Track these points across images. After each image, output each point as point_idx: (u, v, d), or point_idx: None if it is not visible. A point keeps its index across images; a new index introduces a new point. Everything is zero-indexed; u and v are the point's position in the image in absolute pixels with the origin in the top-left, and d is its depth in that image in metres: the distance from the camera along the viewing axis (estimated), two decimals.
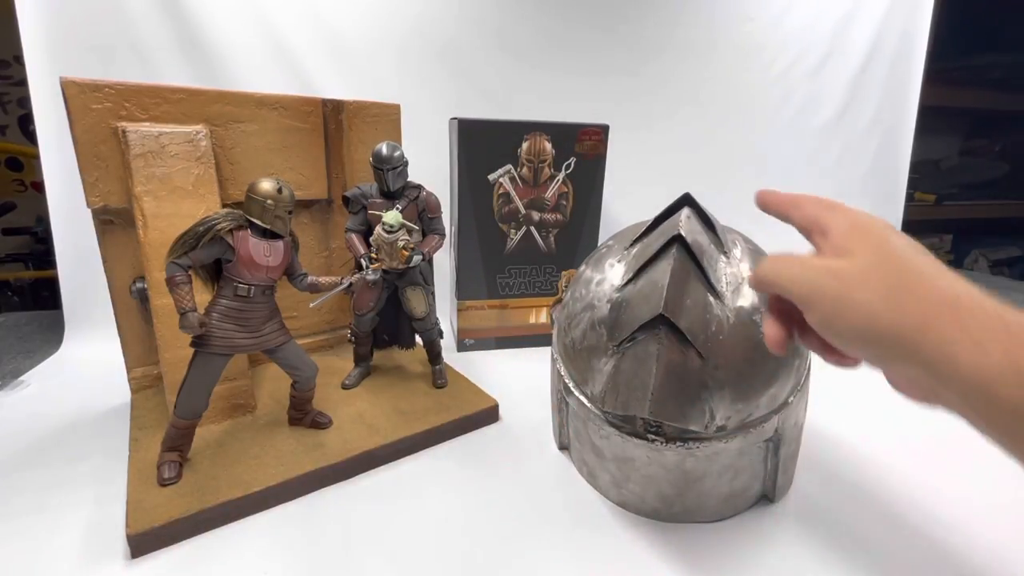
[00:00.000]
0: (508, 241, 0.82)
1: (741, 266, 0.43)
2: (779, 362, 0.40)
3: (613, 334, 0.43)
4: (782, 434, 0.43)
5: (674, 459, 0.43)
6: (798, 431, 0.46)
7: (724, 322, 0.40)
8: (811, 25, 1.25)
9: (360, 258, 0.60)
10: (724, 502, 0.46)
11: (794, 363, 0.42)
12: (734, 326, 0.40)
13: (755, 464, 0.45)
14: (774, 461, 0.45)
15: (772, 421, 0.42)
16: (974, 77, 1.73)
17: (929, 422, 0.46)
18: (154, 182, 0.53)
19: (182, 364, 0.48)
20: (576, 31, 1.12)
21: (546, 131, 0.77)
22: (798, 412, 0.45)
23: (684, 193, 0.45)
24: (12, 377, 0.73)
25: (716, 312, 0.40)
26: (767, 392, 0.41)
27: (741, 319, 0.40)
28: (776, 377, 0.41)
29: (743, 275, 0.42)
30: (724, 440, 0.41)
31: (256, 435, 0.55)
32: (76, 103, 0.52)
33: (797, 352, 0.42)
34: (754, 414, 0.41)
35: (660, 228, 0.45)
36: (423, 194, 0.63)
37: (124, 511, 0.44)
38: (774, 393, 0.41)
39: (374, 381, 0.68)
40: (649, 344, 0.40)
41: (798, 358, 0.43)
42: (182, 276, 0.44)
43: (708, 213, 0.45)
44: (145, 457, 0.50)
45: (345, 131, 0.70)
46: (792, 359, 0.42)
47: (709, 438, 0.41)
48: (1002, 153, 1.94)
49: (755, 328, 0.40)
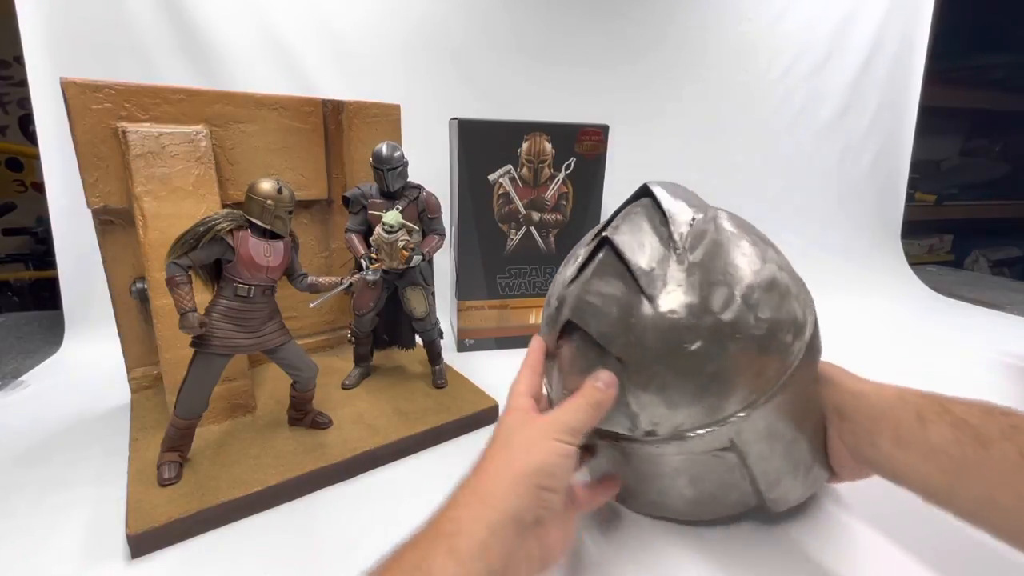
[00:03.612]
0: (508, 241, 0.82)
1: (703, 266, 0.37)
2: (716, 374, 0.36)
3: (551, 333, 0.42)
4: (743, 448, 0.38)
5: (618, 455, 0.41)
6: (781, 446, 0.39)
7: (650, 327, 0.36)
8: (811, 25, 1.25)
9: (360, 258, 0.60)
10: (695, 505, 0.43)
11: (741, 378, 0.36)
12: (663, 331, 0.36)
13: (720, 473, 0.40)
14: (749, 473, 0.40)
15: (717, 433, 0.37)
16: (974, 77, 1.73)
17: None
18: (154, 182, 0.53)
19: (182, 364, 0.48)
20: (576, 31, 1.12)
21: (546, 131, 0.77)
22: (767, 427, 0.38)
23: (642, 184, 0.42)
24: (12, 377, 0.73)
25: (644, 314, 0.36)
26: (701, 403, 0.36)
27: (672, 323, 0.36)
28: (709, 390, 0.36)
29: (700, 275, 0.37)
30: (656, 446, 0.38)
31: (256, 435, 0.55)
32: (76, 103, 0.52)
33: (741, 366, 0.36)
34: (686, 424, 0.37)
35: (595, 229, 0.44)
36: (423, 194, 0.63)
37: (124, 511, 0.44)
38: (712, 404, 0.36)
39: (374, 381, 0.68)
40: (568, 345, 0.40)
41: (753, 375, 0.36)
42: (182, 276, 0.44)
43: (669, 206, 0.40)
44: (145, 457, 0.50)
45: (345, 131, 0.70)
46: (738, 374, 0.36)
47: (640, 441, 0.38)
48: (1002, 153, 1.94)
49: (688, 334, 0.35)
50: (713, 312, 0.36)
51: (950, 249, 1.94)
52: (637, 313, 0.36)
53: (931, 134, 1.48)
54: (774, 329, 0.36)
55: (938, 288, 1.30)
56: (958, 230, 1.92)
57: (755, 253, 0.39)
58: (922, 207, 1.75)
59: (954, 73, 1.65)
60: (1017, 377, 0.79)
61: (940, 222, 1.85)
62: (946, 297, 1.26)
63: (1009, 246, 1.94)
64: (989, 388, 0.75)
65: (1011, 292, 1.34)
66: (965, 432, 0.32)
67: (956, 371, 0.81)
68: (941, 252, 1.91)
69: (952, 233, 1.92)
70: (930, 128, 1.43)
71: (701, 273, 0.37)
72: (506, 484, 0.26)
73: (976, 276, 1.61)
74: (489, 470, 0.28)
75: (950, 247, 1.94)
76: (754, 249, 0.39)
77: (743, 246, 0.39)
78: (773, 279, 0.38)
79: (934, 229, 1.87)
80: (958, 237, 1.93)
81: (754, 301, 0.36)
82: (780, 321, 0.37)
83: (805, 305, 0.40)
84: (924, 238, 1.85)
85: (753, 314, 0.36)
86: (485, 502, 0.25)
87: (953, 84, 1.64)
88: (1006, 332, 1.01)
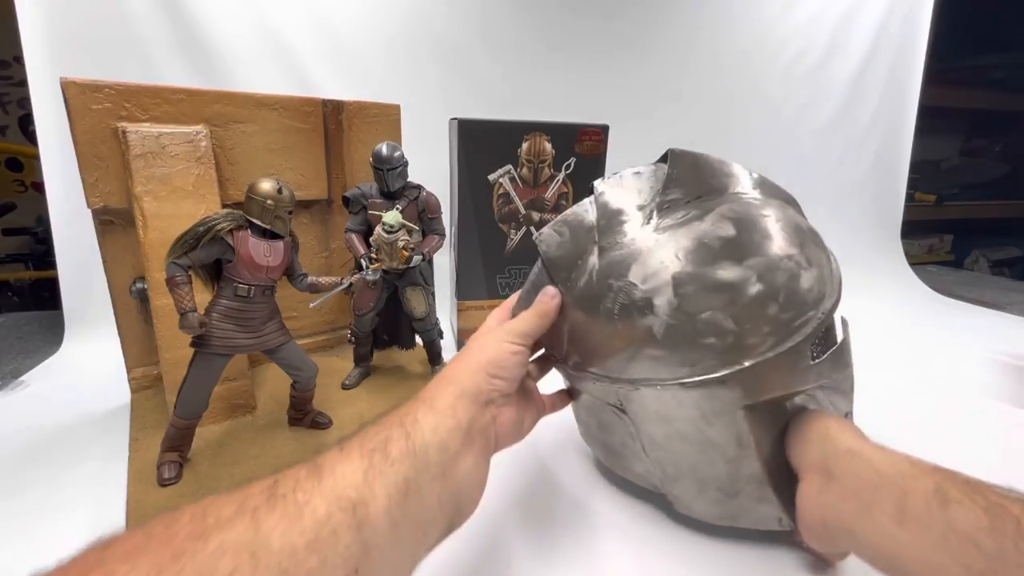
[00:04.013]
0: (508, 241, 0.82)
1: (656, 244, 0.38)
2: (613, 338, 0.38)
3: None
4: (633, 419, 0.40)
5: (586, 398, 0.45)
6: (684, 446, 0.40)
7: (585, 274, 0.39)
8: (811, 25, 1.25)
9: (360, 258, 0.60)
10: (608, 454, 0.47)
11: (638, 355, 0.37)
12: (592, 282, 0.39)
13: (622, 435, 0.43)
14: (642, 447, 0.42)
15: (606, 388, 0.40)
16: (974, 77, 1.73)
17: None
18: (154, 182, 0.53)
19: (182, 364, 0.49)
20: (577, 32, 1.12)
21: (546, 131, 0.77)
22: (659, 411, 0.39)
23: (592, 183, 0.44)
24: (12, 377, 0.73)
25: (588, 261, 0.40)
26: (600, 355, 0.39)
27: (602, 278, 0.38)
28: (608, 348, 0.39)
29: (647, 250, 0.38)
30: (579, 377, 0.42)
31: (256, 435, 0.55)
32: (76, 103, 0.52)
33: (637, 341, 0.37)
34: (590, 367, 0.40)
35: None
36: (423, 194, 0.63)
37: (124, 511, 0.44)
38: (611, 364, 0.39)
39: (374, 381, 0.68)
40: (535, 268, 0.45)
41: (652, 358, 0.37)
42: (182, 276, 0.44)
43: (612, 202, 0.41)
44: (145, 457, 0.50)
45: (345, 131, 0.70)
46: (637, 349, 0.37)
47: (571, 370, 0.42)
48: (1002, 153, 1.94)
49: (608, 294, 0.38)
50: (636, 286, 0.37)
51: (950, 249, 1.93)
52: (584, 257, 0.40)
53: (931, 134, 1.48)
54: (694, 327, 0.35)
55: (938, 288, 1.30)
56: (958, 230, 1.91)
57: (707, 255, 0.36)
58: (922, 207, 1.75)
59: (954, 73, 1.65)
60: (1017, 377, 0.79)
61: (940, 222, 1.84)
62: (946, 297, 1.26)
63: (1009, 246, 1.94)
64: (989, 388, 0.75)
65: (1011, 292, 1.34)
66: (1005, 521, 0.25)
67: (956, 371, 0.81)
68: (941, 252, 1.91)
69: (952, 233, 1.92)
70: (930, 128, 1.43)
71: (651, 249, 0.37)
72: (467, 371, 0.34)
73: (976, 276, 1.61)
74: (456, 363, 0.36)
75: (950, 247, 1.93)
76: (712, 251, 0.36)
77: (708, 245, 0.36)
78: (716, 283, 0.35)
79: (934, 229, 1.87)
80: (958, 237, 1.93)
81: (683, 292, 0.36)
82: (705, 322, 0.35)
83: (758, 330, 0.35)
84: (924, 238, 1.85)
85: (675, 304, 0.36)
86: (451, 381, 0.33)
87: (953, 84, 1.64)
88: (1006, 332, 1.01)
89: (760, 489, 0.39)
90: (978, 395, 0.73)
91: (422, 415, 0.30)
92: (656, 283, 0.36)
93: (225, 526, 0.20)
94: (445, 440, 0.30)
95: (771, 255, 0.36)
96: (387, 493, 0.25)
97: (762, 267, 0.36)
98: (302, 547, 0.21)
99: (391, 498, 0.25)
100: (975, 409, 0.69)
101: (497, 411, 0.35)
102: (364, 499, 0.24)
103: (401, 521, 0.25)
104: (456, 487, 0.30)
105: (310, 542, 0.21)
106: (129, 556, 0.19)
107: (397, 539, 0.25)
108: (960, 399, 0.71)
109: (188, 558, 0.19)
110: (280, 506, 0.22)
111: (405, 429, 0.29)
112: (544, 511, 0.48)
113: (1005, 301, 1.23)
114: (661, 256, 0.37)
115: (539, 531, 0.45)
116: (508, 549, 0.43)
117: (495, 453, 0.35)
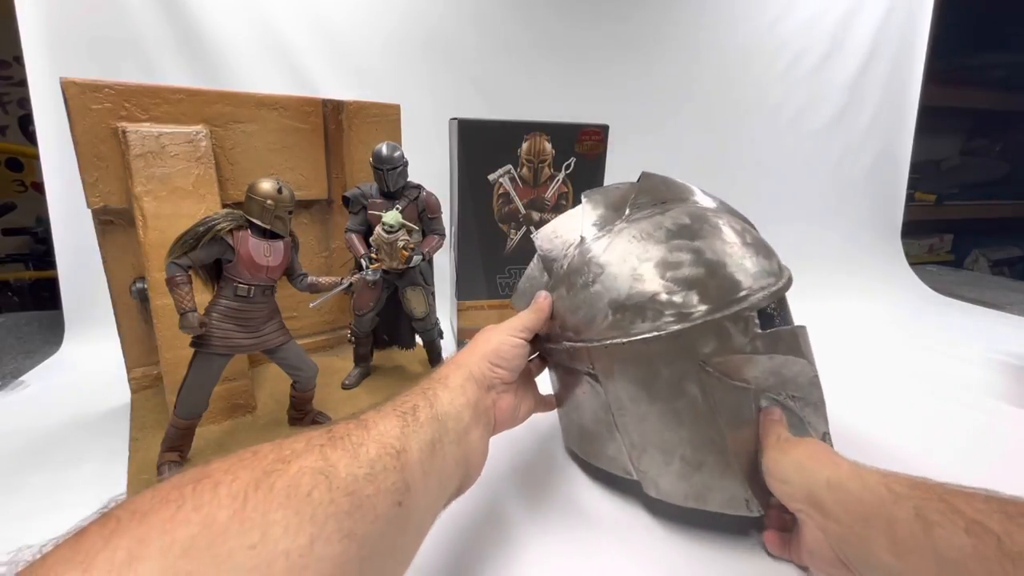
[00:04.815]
0: (508, 241, 0.82)
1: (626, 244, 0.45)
2: (587, 305, 0.44)
3: None
4: (603, 382, 0.45)
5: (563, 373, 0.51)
6: (648, 410, 0.43)
7: (568, 258, 0.47)
8: (811, 25, 1.25)
9: (360, 258, 0.60)
10: (581, 438, 0.51)
11: (604, 314, 0.43)
12: (573, 266, 0.46)
13: (594, 408, 0.47)
14: (612, 419, 0.46)
15: (582, 352, 0.45)
16: (974, 77, 1.73)
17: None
18: (154, 182, 0.53)
19: (182, 364, 0.49)
20: (577, 32, 1.12)
21: (546, 131, 0.77)
22: (621, 367, 0.44)
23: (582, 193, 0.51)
24: (12, 377, 0.73)
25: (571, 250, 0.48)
26: (576, 321, 0.45)
27: (581, 261, 0.46)
28: (586, 312, 0.45)
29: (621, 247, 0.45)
30: (558, 345, 0.48)
31: (256, 435, 0.55)
32: (76, 103, 0.52)
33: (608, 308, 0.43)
34: (567, 336, 0.46)
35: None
36: (423, 194, 0.63)
37: None
38: (582, 328, 0.45)
39: (374, 381, 0.68)
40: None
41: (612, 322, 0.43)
42: (182, 276, 0.44)
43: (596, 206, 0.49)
44: (145, 457, 0.50)
45: (345, 131, 0.70)
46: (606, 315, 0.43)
47: (558, 343, 0.48)
48: (1002, 153, 1.94)
49: (582, 272, 0.45)
50: (605, 261, 0.44)
51: (950, 249, 1.93)
52: (569, 249, 0.48)
53: (931, 134, 1.48)
54: (651, 292, 0.42)
55: (938, 288, 1.30)
56: (958, 230, 1.91)
57: (664, 235, 0.44)
58: (922, 207, 1.75)
59: (954, 73, 1.65)
60: (1017, 377, 0.79)
61: (940, 222, 1.84)
62: (946, 297, 1.26)
63: (1009, 246, 1.94)
64: (989, 388, 0.75)
65: (1011, 292, 1.34)
66: (988, 543, 0.26)
67: (956, 371, 0.81)
68: (941, 252, 1.91)
69: (952, 233, 1.92)
70: (930, 128, 1.43)
71: (619, 233, 0.45)
72: (474, 358, 0.40)
73: (976, 276, 1.61)
74: (464, 351, 0.41)
75: (950, 247, 1.93)
76: (668, 232, 0.44)
77: (666, 228, 0.44)
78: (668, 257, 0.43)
79: (934, 229, 1.87)
80: (958, 237, 1.93)
81: (642, 263, 0.43)
82: (660, 286, 0.42)
83: (706, 295, 0.41)
84: (924, 238, 1.85)
85: (634, 273, 0.43)
86: (460, 365, 0.39)
87: (953, 84, 1.64)
88: (1006, 332, 1.01)
89: (723, 459, 0.42)
90: (978, 395, 0.73)
91: (440, 390, 0.35)
92: (623, 255, 0.44)
93: (301, 455, 0.25)
94: (460, 411, 0.35)
95: (716, 240, 0.44)
96: (419, 447, 0.30)
97: (708, 247, 0.43)
98: (361, 477, 0.26)
99: (422, 451, 0.30)
100: (975, 409, 0.69)
101: (498, 396, 0.41)
102: (405, 448, 0.29)
103: (430, 471, 0.30)
104: (467, 452, 0.35)
105: (367, 474, 0.26)
106: (231, 469, 0.23)
107: (427, 486, 0.30)
108: (960, 399, 0.71)
109: (277, 476, 0.23)
110: (340, 445, 0.27)
111: (428, 399, 0.34)
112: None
113: (1005, 301, 1.23)
114: (626, 236, 0.45)
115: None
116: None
117: (492, 436, 0.40)
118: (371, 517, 0.25)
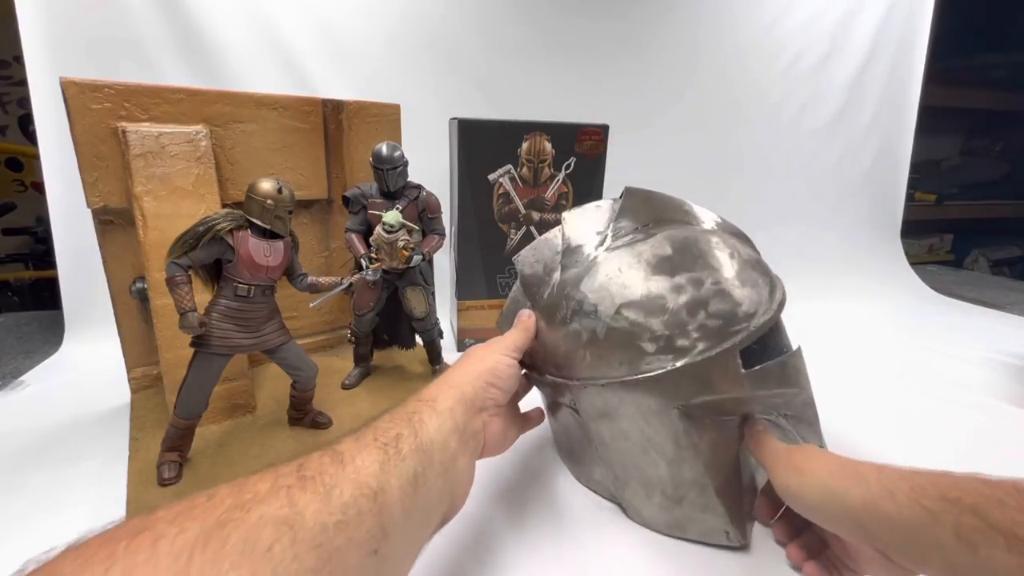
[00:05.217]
0: (508, 241, 0.82)
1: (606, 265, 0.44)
2: (567, 342, 0.44)
3: None
4: (585, 419, 0.45)
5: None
6: (628, 445, 0.43)
7: (548, 287, 0.46)
8: (811, 25, 1.25)
9: (360, 258, 0.60)
10: (568, 455, 0.53)
11: (586, 357, 0.43)
12: (553, 295, 0.46)
13: (579, 438, 0.48)
14: (596, 452, 0.46)
15: (561, 387, 0.46)
16: (974, 77, 1.73)
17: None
18: (154, 182, 0.53)
19: (182, 364, 0.48)
20: (577, 31, 1.12)
21: (546, 131, 0.77)
22: (603, 407, 0.43)
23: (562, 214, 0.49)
24: (12, 377, 0.73)
25: (552, 279, 0.47)
26: (560, 357, 0.45)
27: (561, 292, 0.45)
28: (566, 351, 0.44)
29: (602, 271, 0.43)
30: (540, 377, 0.48)
31: (256, 435, 0.55)
32: (76, 103, 0.52)
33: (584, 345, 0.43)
34: (550, 369, 0.46)
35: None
36: (423, 194, 0.63)
37: (124, 511, 0.44)
38: (565, 365, 0.45)
39: (374, 381, 0.68)
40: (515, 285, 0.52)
41: (596, 357, 0.42)
42: (182, 276, 0.44)
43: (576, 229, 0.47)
44: (145, 457, 0.50)
45: (345, 131, 0.70)
46: (586, 354, 0.43)
47: (543, 376, 0.47)
48: (1002, 153, 1.94)
49: (564, 304, 0.44)
50: (584, 295, 0.43)
51: (950, 249, 1.93)
52: (551, 275, 0.47)
53: (931, 134, 1.48)
54: (631, 331, 0.40)
55: (938, 288, 1.30)
56: (958, 230, 1.91)
57: (645, 269, 0.42)
58: (922, 207, 1.75)
59: (954, 73, 1.65)
60: (1017, 377, 0.79)
61: (940, 222, 1.84)
62: (946, 297, 1.26)
63: (1009, 246, 1.94)
64: (989, 388, 0.75)
65: (1011, 292, 1.34)
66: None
67: (956, 371, 0.81)
68: (941, 252, 1.91)
69: (952, 233, 1.92)
70: (930, 128, 1.43)
71: (599, 265, 0.44)
72: (468, 377, 0.38)
73: (976, 276, 1.61)
74: (455, 370, 0.39)
75: (950, 247, 1.93)
76: (649, 265, 0.42)
77: (646, 261, 0.42)
78: (649, 293, 0.41)
79: (934, 229, 1.87)
80: (958, 237, 1.93)
81: (622, 300, 0.41)
82: (640, 326, 0.40)
83: (687, 335, 0.39)
84: (924, 238, 1.85)
85: (614, 310, 0.41)
86: (452, 386, 0.36)
87: (953, 84, 1.64)
88: (1006, 332, 1.01)
89: (703, 497, 0.42)
90: (978, 395, 0.73)
91: (427, 416, 0.33)
92: (600, 292, 0.42)
93: (263, 500, 0.22)
94: (447, 440, 0.33)
95: (702, 271, 0.41)
96: (400, 484, 0.27)
97: (692, 281, 0.40)
98: (332, 525, 0.23)
99: (403, 489, 0.28)
100: (975, 409, 0.69)
101: (488, 419, 0.38)
102: (383, 487, 0.26)
103: (412, 509, 0.28)
104: (453, 482, 0.33)
105: (338, 522, 0.23)
106: (177, 520, 0.20)
107: (408, 525, 0.28)
108: (960, 399, 0.71)
109: (233, 527, 0.20)
110: (310, 487, 0.24)
111: (413, 427, 0.31)
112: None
113: (1005, 301, 1.23)
114: (606, 269, 0.43)
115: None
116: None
117: (479, 460, 0.38)
118: (340, 572, 0.22)
